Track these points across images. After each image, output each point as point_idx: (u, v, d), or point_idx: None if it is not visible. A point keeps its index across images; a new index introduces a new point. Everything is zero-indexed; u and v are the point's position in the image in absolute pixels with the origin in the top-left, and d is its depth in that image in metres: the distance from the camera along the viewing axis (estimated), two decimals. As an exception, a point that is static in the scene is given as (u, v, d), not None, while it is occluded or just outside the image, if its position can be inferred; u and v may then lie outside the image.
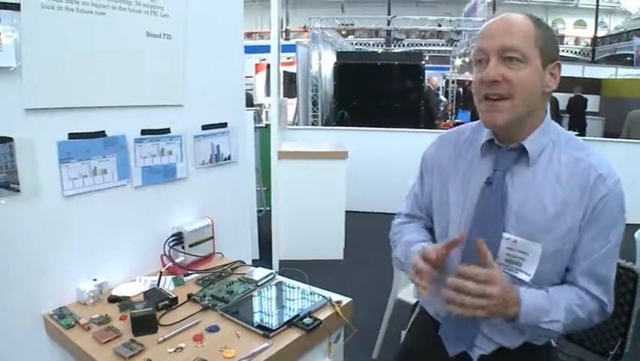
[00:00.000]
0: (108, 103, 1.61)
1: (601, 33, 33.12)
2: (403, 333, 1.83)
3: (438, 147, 1.59)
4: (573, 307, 1.30)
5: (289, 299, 1.56)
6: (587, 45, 32.91)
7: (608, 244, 1.31)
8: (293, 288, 1.63)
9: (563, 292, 1.32)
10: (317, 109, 11.41)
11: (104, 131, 1.61)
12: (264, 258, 4.39)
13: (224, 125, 2.06)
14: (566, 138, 1.39)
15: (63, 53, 1.46)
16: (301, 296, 1.56)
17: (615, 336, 2.03)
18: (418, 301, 1.74)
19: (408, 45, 18.20)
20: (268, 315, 1.45)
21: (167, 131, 1.82)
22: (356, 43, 19.11)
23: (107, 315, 1.44)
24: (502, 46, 1.26)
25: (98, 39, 1.54)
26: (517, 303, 1.24)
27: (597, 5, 30.25)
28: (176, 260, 1.77)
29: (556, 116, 9.46)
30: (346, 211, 4.81)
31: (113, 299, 1.56)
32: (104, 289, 1.60)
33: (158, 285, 1.64)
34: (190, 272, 1.75)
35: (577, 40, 34.58)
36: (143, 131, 1.74)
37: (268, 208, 5.13)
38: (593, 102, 13.33)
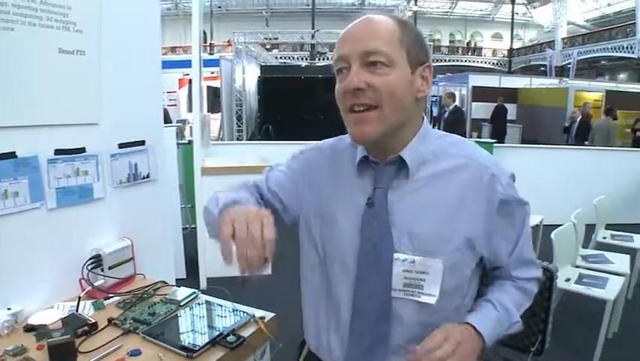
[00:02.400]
0: (18, 122, 1.56)
1: (516, 45, 35.37)
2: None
3: (316, 150, 1.42)
4: (520, 301, 1.29)
5: (213, 318, 1.54)
6: (504, 56, 35.04)
7: (523, 231, 1.27)
8: (216, 306, 1.61)
9: (505, 294, 1.28)
10: (242, 123, 11.42)
11: (14, 152, 1.55)
12: (191, 276, 4.32)
13: (142, 143, 2.03)
14: (450, 142, 1.27)
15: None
16: (225, 314, 1.55)
17: (535, 333, 2.13)
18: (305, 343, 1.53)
19: (332, 58, 18.41)
20: (191, 335, 1.43)
21: (82, 150, 1.77)
22: (280, 57, 19.20)
23: (22, 345, 1.37)
24: (363, 50, 1.12)
25: (5, 55, 1.49)
26: (477, 335, 1.16)
27: (512, 19, 32.23)
28: (96, 283, 1.72)
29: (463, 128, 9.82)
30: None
31: (29, 328, 1.49)
32: (20, 318, 1.53)
33: (77, 310, 1.58)
34: (110, 295, 1.71)
35: (494, 52, 36.58)
36: (57, 151, 1.68)
37: (194, 226, 5.06)
38: (511, 111, 14.08)
